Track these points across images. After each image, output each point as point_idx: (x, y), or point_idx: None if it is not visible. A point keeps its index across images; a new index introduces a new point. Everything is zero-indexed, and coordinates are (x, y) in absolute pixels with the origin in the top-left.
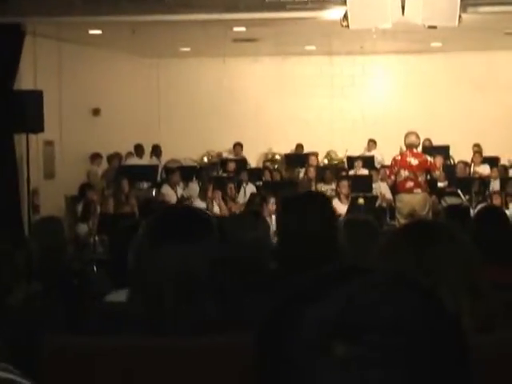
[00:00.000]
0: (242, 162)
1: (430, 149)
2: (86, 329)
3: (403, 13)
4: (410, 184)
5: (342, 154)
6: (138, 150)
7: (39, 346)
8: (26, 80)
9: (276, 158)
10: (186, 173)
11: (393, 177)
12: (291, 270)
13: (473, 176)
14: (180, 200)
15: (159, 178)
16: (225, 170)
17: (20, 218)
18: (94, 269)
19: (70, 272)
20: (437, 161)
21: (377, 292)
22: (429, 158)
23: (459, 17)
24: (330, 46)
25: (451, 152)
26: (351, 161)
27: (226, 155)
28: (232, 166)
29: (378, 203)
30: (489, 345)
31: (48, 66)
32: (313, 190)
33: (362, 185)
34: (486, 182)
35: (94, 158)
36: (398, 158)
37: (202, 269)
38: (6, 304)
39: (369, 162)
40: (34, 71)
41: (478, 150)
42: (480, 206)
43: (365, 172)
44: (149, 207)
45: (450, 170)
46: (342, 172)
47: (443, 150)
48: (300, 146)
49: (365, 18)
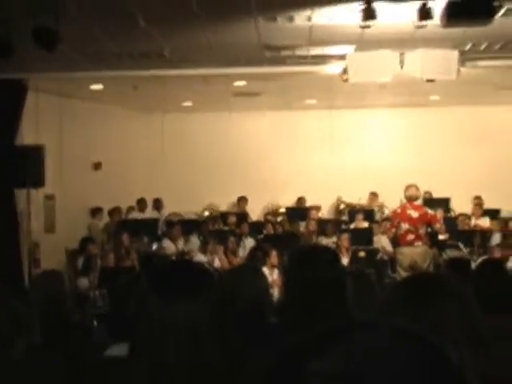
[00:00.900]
0: (243, 216)
1: (431, 201)
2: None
3: (402, 67)
4: (411, 237)
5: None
6: (141, 204)
7: None
8: (27, 135)
9: (280, 210)
10: (186, 226)
11: (393, 230)
12: (296, 324)
13: (474, 229)
14: (180, 254)
15: (160, 232)
16: (225, 224)
17: (21, 271)
18: (94, 323)
19: (70, 325)
20: (437, 213)
21: (377, 348)
22: (429, 211)
23: (457, 70)
24: (331, 100)
25: (451, 204)
26: (352, 213)
27: (228, 209)
28: (233, 219)
29: (378, 256)
30: None
31: (50, 120)
32: (314, 243)
33: (362, 238)
34: (486, 235)
35: (95, 211)
36: (399, 210)
37: (205, 323)
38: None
39: (369, 214)
40: (35, 126)
41: (478, 203)
42: (481, 258)
43: (365, 225)
44: (149, 261)
45: (450, 222)
46: (343, 225)
47: (443, 203)
48: (302, 199)
49: (364, 72)
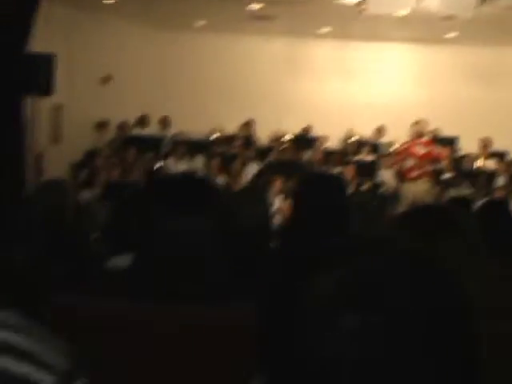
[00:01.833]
0: (250, 140)
1: (438, 139)
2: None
3: (420, 0)
4: (416, 173)
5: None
6: (143, 121)
7: (43, 303)
8: (37, 44)
9: (285, 138)
10: (192, 147)
11: (398, 164)
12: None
13: (479, 169)
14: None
15: (165, 150)
16: (231, 147)
17: (24, 180)
18: (96, 235)
19: (72, 235)
20: (444, 151)
21: (386, 266)
22: (436, 148)
23: (476, 7)
24: (345, 30)
25: (459, 144)
26: (359, 146)
27: (235, 132)
28: (239, 142)
29: (382, 190)
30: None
31: (61, 31)
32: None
33: (367, 170)
34: (491, 176)
35: (101, 125)
36: (406, 146)
37: (209, 237)
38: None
39: (376, 148)
40: (46, 37)
41: (485, 144)
42: (484, 199)
43: (371, 158)
44: (154, 178)
45: (456, 161)
46: (348, 157)
47: (451, 141)
48: (308, 128)
49: (383, 3)
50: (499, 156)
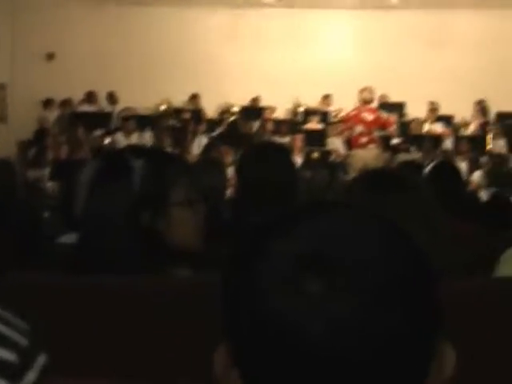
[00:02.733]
0: (198, 113)
1: (386, 105)
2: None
3: None
4: (364, 140)
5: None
6: (91, 97)
7: None
8: None
9: (233, 109)
10: (141, 121)
11: (347, 132)
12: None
13: (427, 134)
14: None
15: (113, 126)
16: (180, 120)
17: None
18: (45, 214)
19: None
20: (391, 117)
21: (346, 225)
22: (383, 114)
23: None
24: None
25: (407, 109)
26: (307, 115)
27: (182, 106)
28: (187, 115)
29: (332, 158)
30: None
31: (2, 10)
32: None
33: (316, 139)
34: (439, 140)
35: (47, 103)
36: (353, 113)
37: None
38: None
39: (324, 116)
40: None
41: (432, 108)
42: (432, 163)
43: (320, 126)
44: (103, 154)
45: (404, 126)
46: (297, 126)
47: (398, 107)
48: (256, 99)
49: None
50: (446, 120)
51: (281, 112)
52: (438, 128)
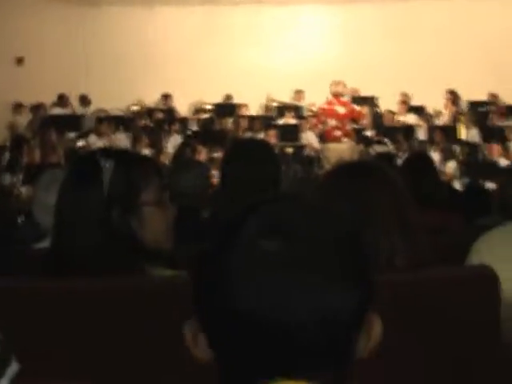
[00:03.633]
0: (171, 112)
1: (358, 99)
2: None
3: None
4: (338, 133)
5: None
6: (62, 100)
7: None
8: None
9: (206, 107)
10: (114, 122)
11: (320, 126)
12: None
13: (399, 125)
14: None
15: (86, 129)
16: (152, 120)
17: None
18: (19, 219)
19: None
20: (364, 109)
21: (297, 209)
22: (356, 107)
23: None
24: None
25: (379, 102)
26: (280, 110)
27: (154, 106)
28: (159, 115)
29: (306, 152)
30: (418, 281)
31: None
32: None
33: (289, 134)
34: (411, 131)
35: (17, 108)
36: (325, 106)
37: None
38: None
39: (297, 111)
40: None
41: (403, 99)
42: (405, 154)
43: (293, 121)
44: (75, 157)
45: (377, 118)
46: (271, 122)
47: (371, 100)
48: (229, 96)
49: None
50: (418, 110)
51: (254, 108)
52: (411, 119)
